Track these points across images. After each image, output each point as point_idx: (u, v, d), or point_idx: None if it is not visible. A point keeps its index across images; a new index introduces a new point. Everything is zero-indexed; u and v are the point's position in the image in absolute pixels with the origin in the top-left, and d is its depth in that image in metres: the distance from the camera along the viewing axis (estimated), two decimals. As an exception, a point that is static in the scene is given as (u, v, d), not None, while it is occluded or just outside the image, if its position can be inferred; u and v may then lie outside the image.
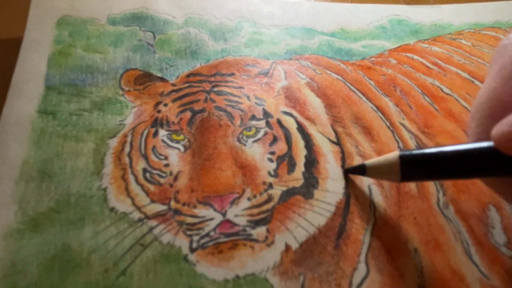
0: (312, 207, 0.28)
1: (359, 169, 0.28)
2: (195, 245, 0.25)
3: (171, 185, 0.27)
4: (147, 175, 0.28)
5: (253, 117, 0.32)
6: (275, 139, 0.31)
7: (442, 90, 0.37)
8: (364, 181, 0.29)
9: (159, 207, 0.26)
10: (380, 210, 0.28)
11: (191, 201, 0.27)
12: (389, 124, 0.33)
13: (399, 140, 0.32)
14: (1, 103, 0.30)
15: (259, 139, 0.30)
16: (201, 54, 0.36)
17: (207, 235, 0.25)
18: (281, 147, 0.30)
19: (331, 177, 0.29)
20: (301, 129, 0.32)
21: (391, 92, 0.36)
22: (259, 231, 0.26)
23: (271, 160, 0.29)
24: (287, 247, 0.26)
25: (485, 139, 0.22)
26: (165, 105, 0.32)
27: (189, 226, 0.26)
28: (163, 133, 0.30)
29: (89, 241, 0.25)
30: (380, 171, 0.27)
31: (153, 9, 0.39)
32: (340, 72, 0.37)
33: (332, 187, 0.29)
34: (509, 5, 0.47)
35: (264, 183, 0.28)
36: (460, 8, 0.46)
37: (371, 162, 0.27)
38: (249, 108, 0.32)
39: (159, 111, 0.31)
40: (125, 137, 0.30)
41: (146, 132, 0.30)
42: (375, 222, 0.28)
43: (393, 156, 0.25)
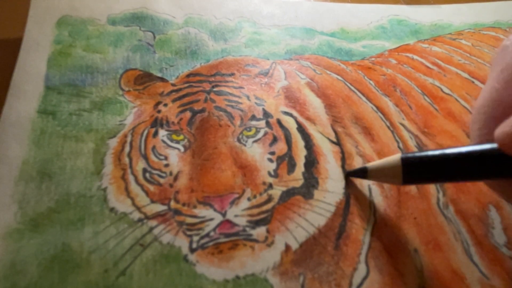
0: (312, 207, 0.28)
1: (361, 172, 0.28)
2: (195, 245, 0.25)
3: (171, 185, 0.27)
4: (147, 175, 0.28)
5: (253, 117, 0.32)
6: (275, 139, 0.31)
7: (442, 90, 0.37)
8: (364, 181, 0.29)
9: (159, 207, 0.26)
10: (380, 210, 0.28)
11: (191, 201, 0.27)
12: (389, 124, 0.33)
13: (399, 140, 0.32)
14: (1, 103, 0.30)
15: (259, 139, 0.30)
16: (201, 54, 0.36)
17: (207, 235, 0.25)
18: (281, 147, 0.30)
19: (331, 177, 0.29)
20: (301, 129, 0.32)
21: (391, 92, 0.36)
22: (259, 231, 0.26)
23: (271, 160, 0.29)
24: (287, 247, 0.26)
25: (488, 141, 0.22)
26: (165, 105, 0.32)
27: (189, 226, 0.26)
28: (163, 133, 0.30)
29: (89, 241, 0.25)
30: (381, 174, 0.26)
31: (153, 9, 0.39)
32: (340, 72, 0.37)
33: (332, 187, 0.29)
34: (509, 5, 0.47)
35: (264, 183, 0.28)
36: (460, 8, 0.46)
37: (373, 165, 0.27)
38: (249, 108, 0.32)
39: (159, 111, 0.31)
40: (125, 137, 0.30)
41: (146, 132, 0.30)
42: (375, 222, 0.27)
43: (395, 158, 0.25)
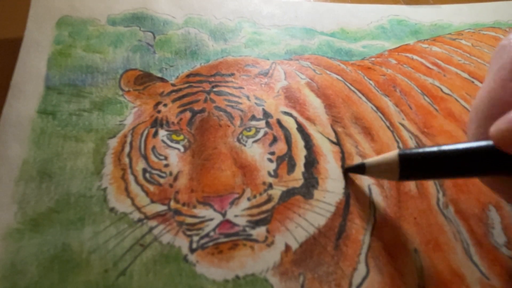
0: (312, 207, 0.28)
1: (359, 168, 0.28)
2: (195, 246, 0.25)
3: (171, 185, 0.27)
4: (147, 175, 0.28)
5: (253, 117, 0.32)
6: (275, 139, 0.31)
7: (442, 90, 0.37)
8: (364, 181, 0.29)
9: (159, 207, 0.26)
10: (380, 210, 0.28)
11: (191, 201, 0.27)
12: (389, 124, 0.33)
13: (399, 140, 0.32)
14: (1, 103, 0.30)
15: (259, 139, 0.30)
16: (201, 54, 0.36)
17: (207, 235, 0.25)
18: (281, 147, 0.30)
19: (331, 177, 0.29)
20: (301, 129, 0.32)
21: (391, 92, 0.36)
22: (259, 231, 0.26)
23: (271, 160, 0.29)
24: (287, 248, 0.26)
25: (484, 139, 0.22)
26: (165, 105, 0.32)
27: (189, 226, 0.26)
28: (163, 133, 0.30)
29: (89, 241, 0.25)
30: (379, 169, 0.27)
31: (153, 9, 0.39)
32: (340, 72, 0.37)
33: (332, 187, 0.29)
34: (509, 5, 0.47)
35: (264, 183, 0.28)
36: (460, 8, 0.46)
37: (371, 160, 0.27)
38: (249, 108, 0.32)
39: (159, 111, 0.31)
40: (125, 137, 0.30)
41: (146, 132, 0.30)
42: (375, 222, 0.27)
43: (392, 154, 0.25)
